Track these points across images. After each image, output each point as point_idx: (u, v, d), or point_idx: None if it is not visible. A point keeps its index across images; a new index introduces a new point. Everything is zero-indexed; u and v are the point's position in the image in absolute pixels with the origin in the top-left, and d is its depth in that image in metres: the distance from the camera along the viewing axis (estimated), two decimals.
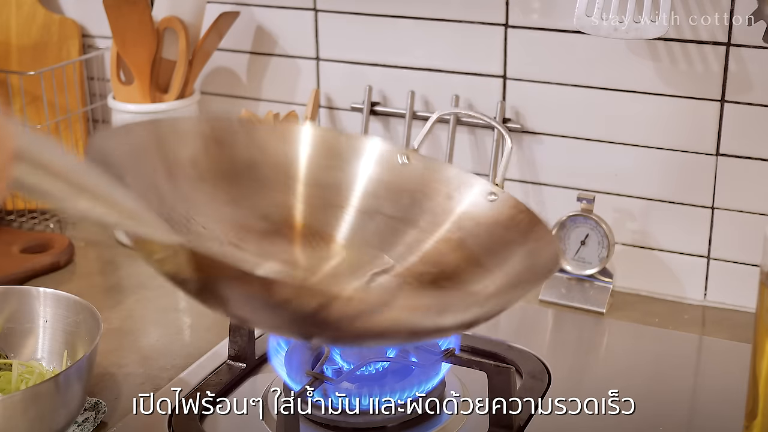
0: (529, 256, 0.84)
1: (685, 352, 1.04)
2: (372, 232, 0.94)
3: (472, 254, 0.89)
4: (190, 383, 0.96)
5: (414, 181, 0.94)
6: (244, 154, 0.92)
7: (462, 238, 0.90)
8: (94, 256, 1.28)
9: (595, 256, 1.11)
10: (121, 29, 1.20)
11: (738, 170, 1.07)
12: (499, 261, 0.86)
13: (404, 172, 0.95)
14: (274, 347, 0.91)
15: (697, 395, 0.97)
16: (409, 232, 0.93)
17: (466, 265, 0.89)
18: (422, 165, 0.95)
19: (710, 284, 1.12)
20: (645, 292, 1.15)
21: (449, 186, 0.93)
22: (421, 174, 0.94)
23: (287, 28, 1.27)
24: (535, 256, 0.83)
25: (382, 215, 0.94)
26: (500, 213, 0.89)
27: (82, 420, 0.89)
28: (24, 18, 1.35)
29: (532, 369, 0.97)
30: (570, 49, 1.10)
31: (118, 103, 1.24)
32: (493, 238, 0.88)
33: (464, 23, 1.16)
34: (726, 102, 1.05)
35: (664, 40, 1.05)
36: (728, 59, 1.04)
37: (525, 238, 0.85)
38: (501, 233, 0.88)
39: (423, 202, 0.93)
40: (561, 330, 1.10)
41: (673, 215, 1.11)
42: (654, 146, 1.10)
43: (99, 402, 0.91)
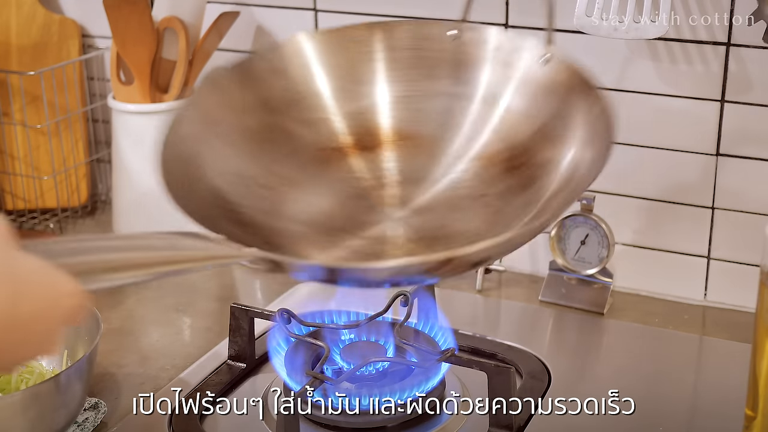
0: (591, 125, 0.81)
1: (685, 352, 1.04)
2: (439, 113, 0.91)
3: (537, 123, 0.87)
4: (190, 383, 0.96)
5: (474, 54, 0.92)
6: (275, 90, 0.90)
7: (537, 110, 0.88)
8: None
9: (595, 256, 1.11)
10: (121, 29, 1.20)
11: (738, 170, 1.07)
12: (571, 130, 0.83)
13: (462, 47, 0.92)
14: (274, 347, 0.91)
15: (697, 395, 0.97)
16: (474, 108, 0.91)
17: (533, 135, 0.87)
18: (472, 35, 0.92)
19: (710, 284, 1.12)
20: (645, 292, 1.15)
21: (507, 53, 0.90)
22: (478, 45, 0.92)
23: (287, 28, 1.27)
24: (594, 121, 0.81)
25: (445, 95, 0.92)
26: (556, 75, 0.87)
27: (82, 420, 0.89)
28: (24, 18, 1.35)
29: (532, 369, 0.97)
30: (570, 49, 1.10)
31: (118, 103, 1.24)
32: (561, 105, 0.85)
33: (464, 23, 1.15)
34: (726, 102, 1.05)
35: (664, 40, 1.05)
36: (728, 59, 1.04)
37: (586, 102, 0.83)
38: (565, 99, 0.85)
39: (481, 73, 0.91)
40: (561, 330, 1.10)
41: (673, 215, 1.11)
42: (654, 146, 1.10)
43: (99, 402, 0.91)
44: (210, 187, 0.82)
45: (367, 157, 0.91)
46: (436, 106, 0.92)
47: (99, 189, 1.44)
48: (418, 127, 0.92)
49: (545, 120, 0.87)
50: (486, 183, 0.88)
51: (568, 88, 0.86)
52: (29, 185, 1.36)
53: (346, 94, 0.92)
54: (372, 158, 0.91)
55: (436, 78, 0.92)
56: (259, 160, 0.87)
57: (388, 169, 0.91)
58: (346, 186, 0.90)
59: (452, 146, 0.91)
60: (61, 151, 1.35)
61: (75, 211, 1.38)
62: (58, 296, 0.54)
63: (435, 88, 0.92)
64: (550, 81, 0.87)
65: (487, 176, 0.88)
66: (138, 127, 1.24)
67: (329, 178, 0.90)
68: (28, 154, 1.35)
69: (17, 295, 0.51)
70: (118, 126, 1.26)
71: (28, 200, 1.36)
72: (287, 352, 0.90)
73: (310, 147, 0.90)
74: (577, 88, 0.85)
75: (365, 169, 0.91)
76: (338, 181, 0.90)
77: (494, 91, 0.91)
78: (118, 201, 1.29)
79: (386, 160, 0.91)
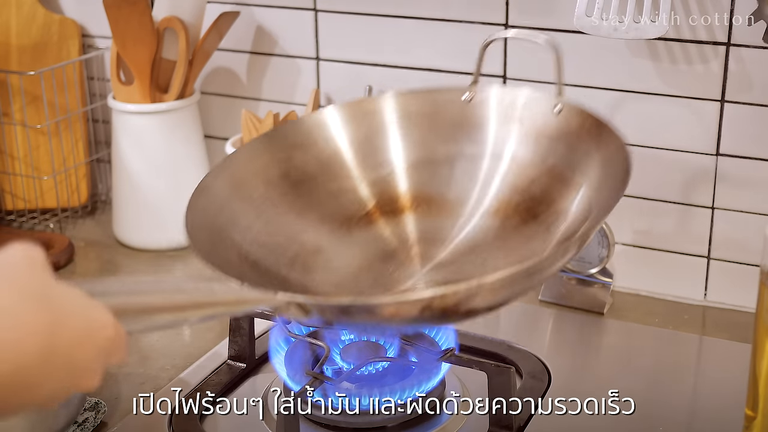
0: (606, 164, 0.85)
1: (685, 352, 1.04)
2: (454, 173, 0.96)
3: (555, 171, 0.91)
4: (190, 383, 0.96)
5: (482, 114, 0.96)
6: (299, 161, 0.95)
7: (543, 156, 0.92)
8: (94, 256, 1.28)
9: (595, 256, 1.11)
10: (121, 29, 1.20)
11: (738, 170, 1.07)
12: (581, 171, 0.88)
13: (470, 108, 0.96)
14: (274, 347, 0.91)
15: (697, 395, 0.97)
16: (492, 165, 0.95)
17: (552, 182, 0.90)
18: (486, 95, 0.96)
19: (710, 284, 1.12)
20: (645, 292, 1.15)
21: (516, 108, 0.94)
22: (487, 104, 0.96)
23: (287, 28, 1.27)
24: (610, 162, 0.84)
25: (464, 156, 0.96)
26: (569, 123, 0.90)
27: (82, 420, 0.89)
28: (24, 18, 1.35)
29: (532, 369, 0.97)
30: (570, 49, 1.10)
31: (118, 103, 1.24)
32: (569, 150, 0.90)
33: (464, 23, 1.16)
34: (726, 102, 1.05)
35: (664, 40, 1.05)
36: (728, 59, 1.04)
37: (597, 144, 0.87)
38: (575, 143, 0.89)
39: (490, 130, 0.95)
40: (561, 330, 1.10)
41: (673, 215, 1.11)
42: (654, 146, 1.10)
43: (99, 402, 0.91)
44: (240, 252, 0.85)
45: (390, 221, 0.95)
46: (452, 167, 0.96)
47: (99, 189, 1.44)
48: (434, 189, 0.96)
49: (557, 165, 0.90)
50: (506, 230, 0.92)
51: (579, 133, 0.89)
52: (29, 185, 1.36)
53: (367, 163, 0.97)
54: (395, 222, 0.95)
55: (449, 141, 0.97)
56: (288, 227, 0.91)
57: (410, 231, 0.95)
58: (371, 249, 0.94)
59: (469, 203, 0.95)
60: (61, 151, 1.35)
61: (75, 211, 1.38)
62: (94, 326, 0.54)
63: (448, 150, 0.97)
64: (562, 129, 0.91)
65: (509, 225, 0.92)
66: (138, 127, 1.24)
67: (355, 243, 0.94)
68: (28, 154, 1.35)
69: (55, 324, 0.51)
70: (118, 126, 1.26)
71: (28, 200, 1.36)
72: (287, 352, 0.90)
73: (336, 215, 0.95)
74: (591, 131, 0.88)
75: (389, 232, 0.95)
76: (364, 244, 0.94)
77: (504, 145, 0.95)
78: (118, 201, 1.29)
79: (407, 222, 0.96)
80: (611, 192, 0.81)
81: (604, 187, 0.84)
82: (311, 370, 0.86)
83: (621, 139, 0.85)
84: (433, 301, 0.69)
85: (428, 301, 0.70)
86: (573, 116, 0.90)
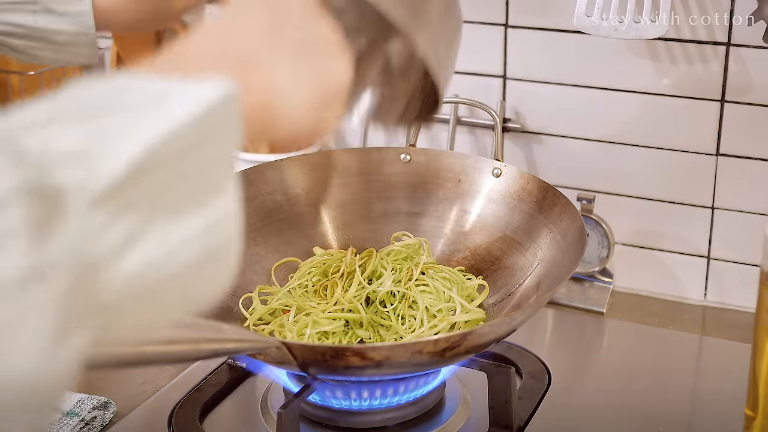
0: (554, 228, 0.91)
1: (685, 352, 1.04)
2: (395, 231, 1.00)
3: (499, 233, 0.97)
4: (190, 383, 0.96)
5: (421, 175, 1.02)
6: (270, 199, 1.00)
7: (483, 218, 0.98)
8: None
9: (595, 256, 1.11)
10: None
11: (738, 170, 1.07)
12: (527, 233, 0.94)
13: (409, 168, 1.02)
14: None
15: (697, 395, 0.97)
16: (433, 224, 1.00)
17: (499, 244, 0.96)
18: (425, 158, 1.02)
19: (710, 284, 1.12)
20: (645, 292, 1.15)
21: (455, 171, 1.00)
22: (426, 166, 1.02)
23: None
24: (560, 229, 0.90)
25: (403, 214, 1.01)
26: (509, 186, 0.97)
27: (90, 419, 0.88)
28: None
29: (532, 369, 0.97)
30: (570, 49, 1.10)
31: None
32: (512, 213, 0.96)
33: (464, 23, 1.15)
34: (726, 102, 1.05)
35: (664, 40, 1.05)
36: (728, 59, 1.04)
37: (540, 206, 0.93)
38: (516, 205, 0.96)
39: (436, 192, 1.01)
40: (561, 330, 1.10)
41: (673, 215, 1.11)
42: (654, 146, 1.10)
43: (108, 401, 0.90)
44: None
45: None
46: (392, 226, 1.01)
47: None
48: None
49: (505, 229, 0.96)
50: None
51: (525, 197, 0.95)
52: None
53: (314, 215, 1.02)
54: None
55: (389, 199, 1.02)
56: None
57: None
58: None
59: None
60: None
61: None
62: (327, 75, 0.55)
63: (389, 208, 1.02)
64: (507, 192, 0.97)
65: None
66: None
67: None
68: None
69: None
70: None
71: None
72: None
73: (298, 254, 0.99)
74: (538, 195, 0.94)
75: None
76: None
77: (448, 206, 1.00)
78: None
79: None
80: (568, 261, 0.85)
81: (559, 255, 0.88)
82: None
83: (567, 201, 0.90)
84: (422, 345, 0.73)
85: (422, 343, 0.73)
86: (513, 180, 0.97)
